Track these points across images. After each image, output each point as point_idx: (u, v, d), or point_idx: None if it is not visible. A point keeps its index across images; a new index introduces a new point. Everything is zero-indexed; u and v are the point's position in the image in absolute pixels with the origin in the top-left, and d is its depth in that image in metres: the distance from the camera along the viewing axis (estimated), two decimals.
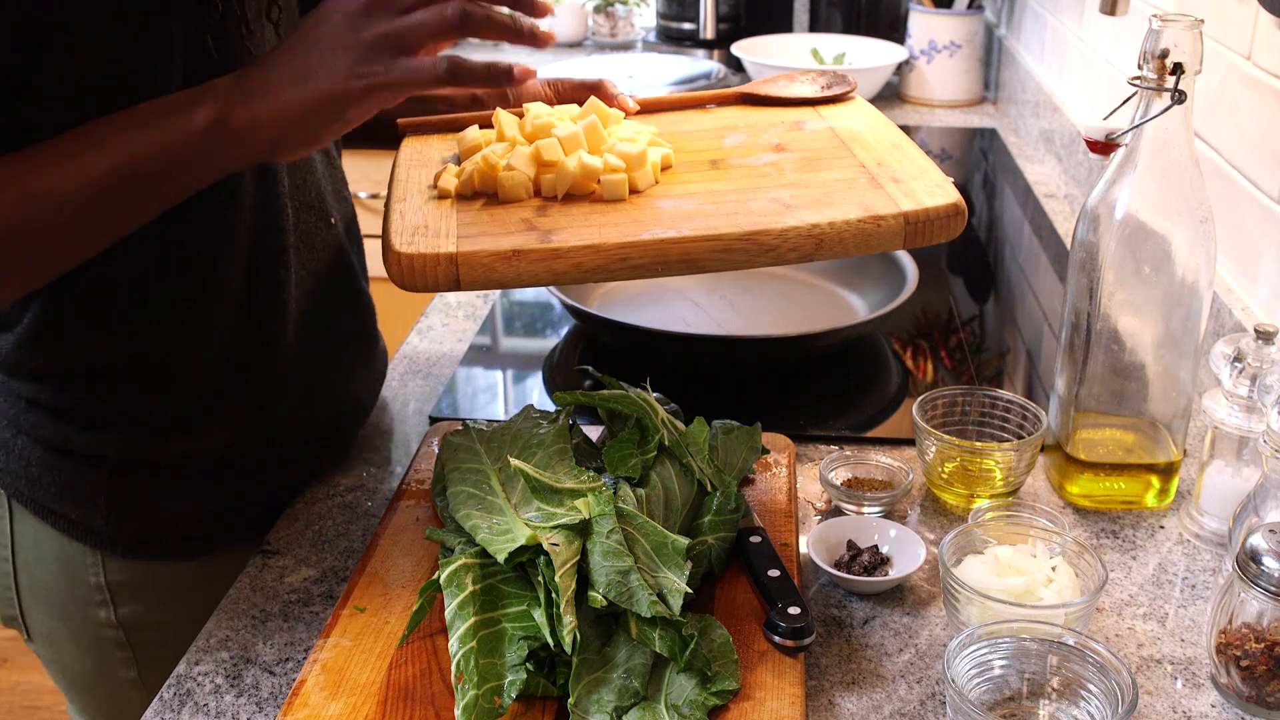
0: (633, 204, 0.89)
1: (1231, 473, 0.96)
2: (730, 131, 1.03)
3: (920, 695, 0.82)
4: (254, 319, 0.97)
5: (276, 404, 1.01)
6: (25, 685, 2.57)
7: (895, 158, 0.94)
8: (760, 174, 0.94)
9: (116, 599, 1.01)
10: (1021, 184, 1.88)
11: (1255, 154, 1.19)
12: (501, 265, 0.81)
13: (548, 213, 0.87)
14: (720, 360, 1.24)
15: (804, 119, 1.04)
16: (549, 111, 0.96)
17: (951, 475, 1.02)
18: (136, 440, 0.96)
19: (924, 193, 0.87)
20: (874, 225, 0.85)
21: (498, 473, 0.90)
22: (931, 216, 0.85)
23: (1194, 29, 0.89)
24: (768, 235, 0.84)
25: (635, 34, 2.91)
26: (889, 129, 1.00)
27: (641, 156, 0.91)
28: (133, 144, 0.78)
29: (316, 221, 1.02)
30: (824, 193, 0.89)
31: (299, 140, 0.80)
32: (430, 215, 0.87)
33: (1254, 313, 1.18)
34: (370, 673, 0.80)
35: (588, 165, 0.90)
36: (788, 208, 0.87)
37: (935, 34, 2.29)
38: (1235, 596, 0.80)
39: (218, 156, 0.79)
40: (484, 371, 1.30)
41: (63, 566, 1.01)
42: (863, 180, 0.91)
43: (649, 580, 0.80)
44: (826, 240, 0.84)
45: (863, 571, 0.91)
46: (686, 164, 0.96)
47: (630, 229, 0.84)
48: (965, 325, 1.39)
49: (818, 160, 0.96)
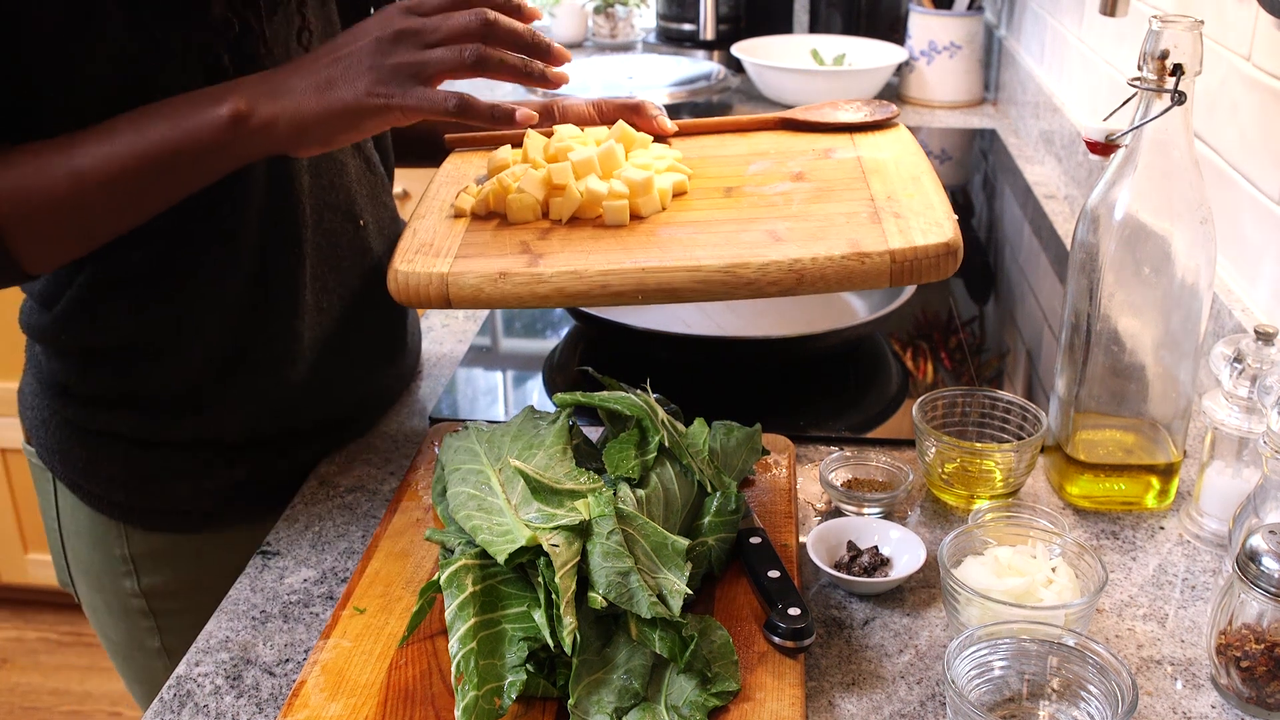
0: (633, 230, 0.91)
1: (1231, 474, 0.96)
2: (758, 158, 1.04)
3: (920, 696, 0.82)
4: (264, 306, 1.01)
5: (286, 389, 1.05)
6: (25, 686, 2.57)
7: (907, 191, 0.93)
8: (767, 204, 0.94)
9: (140, 569, 1.08)
10: (1021, 185, 1.88)
11: (1255, 155, 1.19)
12: (488, 287, 0.85)
13: (548, 237, 0.90)
14: (720, 361, 1.24)
15: (836, 147, 1.04)
16: (575, 134, 0.99)
17: (951, 476, 1.02)
18: (151, 419, 1.02)
19: (918, 230, 0.86)
20: (858, 262, 0.84)
21: (498, 474, 0.90)
22: (919, 256, 0.84)
23: (1194, 30, 0.89)
24: (746, 269, 0.84)
25: (635, 35, 2.91)
26: (915, 160, 1.00)
27: (647, 183, 0.93)
28: (163, 130, 0.85)
29: (342, 221, 1.07)
30: (819, 226, 0.89)
31: (313, 140, 0.87)
32: (439, 234, 0.92)
33: (1254, 313, 1.18)
34: (370, 674, 0.80)
35: (592, 191, 0.92)
36: (777, 241, 0.87)
37: (935, 35, 2.29)
38: (1235, 597, 0.80)
39: (238, 146, 0.86)
40: (484, 372, 1.30)
41: (95, 538, 1.08)
42: (864, 214, 0.90)
43: (649, 581, 0.80)
44: (808, 276, 0.84)
45: (863, 572, 0.91)
46: (702, 190, 0.97)
47: (616, 256, 0.86)
48: (965, 326, 1.39)
49: (830, 191, 0.95)
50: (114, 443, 1.04)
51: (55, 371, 1.04)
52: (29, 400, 1.09)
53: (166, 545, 1.07)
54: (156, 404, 1.02)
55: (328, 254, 1.05)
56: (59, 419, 1.05)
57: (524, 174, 0.94)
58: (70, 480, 1.07)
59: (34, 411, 1.08)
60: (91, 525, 1.08)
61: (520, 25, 0.90)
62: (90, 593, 1.13)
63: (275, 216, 0.99)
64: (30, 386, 1.09)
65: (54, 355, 1.03)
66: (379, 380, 1.17)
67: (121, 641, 1.14)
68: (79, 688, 2.56)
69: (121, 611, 1.11)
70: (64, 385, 1.04)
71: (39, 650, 2.67)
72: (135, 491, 1.05)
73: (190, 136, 0.85)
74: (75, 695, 2.55)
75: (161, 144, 0.85)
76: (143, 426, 1.03)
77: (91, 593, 1.12)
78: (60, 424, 1.05)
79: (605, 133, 1.01)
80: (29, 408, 1.09)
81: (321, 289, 1.05)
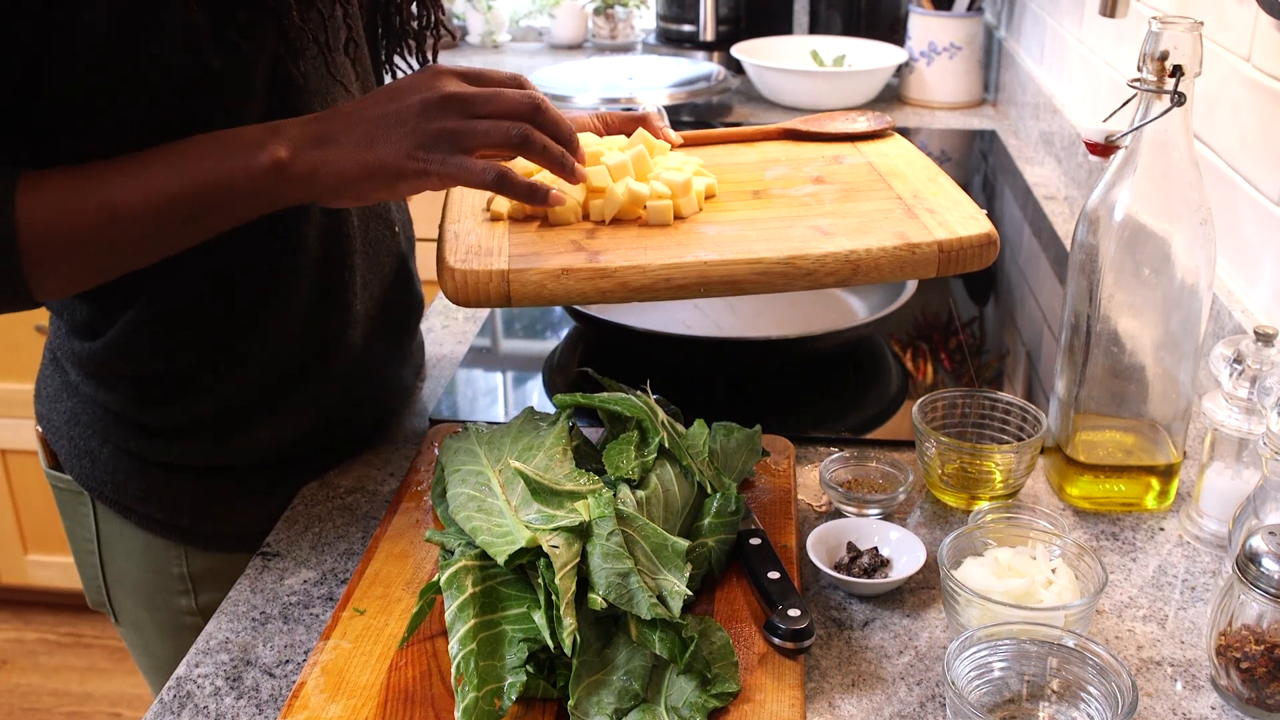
0: (677, 229, 0.94)
1: (1231, 474, 0.96)
2: (772, 164, 1.08)
3: (920, 697, 0.82)
4: (321, 321, 1.02)
5: (341, 399, 1.06)
6: (25, 687, 2.57)
7: (931, 190, 0.98)
8: (800, 204, 0.98)
9: (198, 588, 1.08)
10: (1021, 186, 1.88)
11: (1255, 156, 1.19)
12: (551, 283, 0.86)
13: (596, 236, 0.92)
14: (720, 362, 1.24)
15: (843, 154, 1.09)
16: (598, 141, 1.01)
17: (951, 477, 1.02)
18: (215, 446, 1.02)
19: (958, 223, 0.91)
20: (909, 253, 0.88)
21: (498, 475, 0.90)
22: (965, 246, 0.89)
23: (1193, 31, 0.89)
24: (805, 260, 0.88)
25: (635, 36, 2.91)
26: (925, 163, 1.04)
27: (686, 184, 0.96)
28: (203, 170, 0.83)
29: (383, 230, 1.08)
30: (861, 221, 0.93)
31: (349, 196, 0.86)
32: (484, 236, 0.93)
33: (1254, 314, 1.18)
34: (370, 675, 0.80)
35: (635, 191, 0.94)
36: (826, 235, 0.91)
37: (935, 36, 2.29)
38: (1235, 598, 0.80)
39: (276, 193, 0.85)
40: (484, 373, 1.30)
41: (148, 560, 1.07)
42: (899, 211, 0.94)
43: (649, 582, 0.80)
44: (863, 266, 0.88)
45: (863, 573, 0.91)
46: (730, 193, 1.01)
47: (675, 251, 0.89)
48: (965, 327, 1.39)
49: (856, 191, 0.99)
50: (176, 472, 1.03)
51: (105, 401, 1.02)
52: (62, 429, 1.06)
53: (227, 563, 1.04)
54: (218, 429, 1.01)
55: (374, 263, 1.06)
56: (111, 448, 1.03)
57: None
58: (123, 506, 1.05)
59: (72, 441, 1.05)
60: (145, 547, 1.06)
61: (563, 117, 0.90)
62: (136, 610, 1.11)
63: (329, 227, 0.99)
64: (64, 414, 1.06)
65: (101, 384, 1.01)
66: (406, 375, 1.20)
67: (168, 659, 1.10)
68: (79, 688, 2.56)
69: (173, 629, 1.10)
70: (117, 415, 1.02)
71: (39, 651, 2.67)
72: (199, 516, 1.04)
73: (228, 178, 0.83)
74: (75, 696, 2.55)
75: (198, 184, 0.83)
76: (207, 454, 1.02)
77: (138, 610, 1.11)
78: (113, 454, 1.03)
79: (623, 141, 1.03)
80: (63, 436, 1.06)
81: (369, 296, 1.06)
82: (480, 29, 2.93)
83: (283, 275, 0.97)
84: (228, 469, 1.04)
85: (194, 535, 1.05)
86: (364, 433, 1.12)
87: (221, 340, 0.98)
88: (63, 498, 1.11)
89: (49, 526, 2.60)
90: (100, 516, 1.08)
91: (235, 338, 0.98)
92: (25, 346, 2.45)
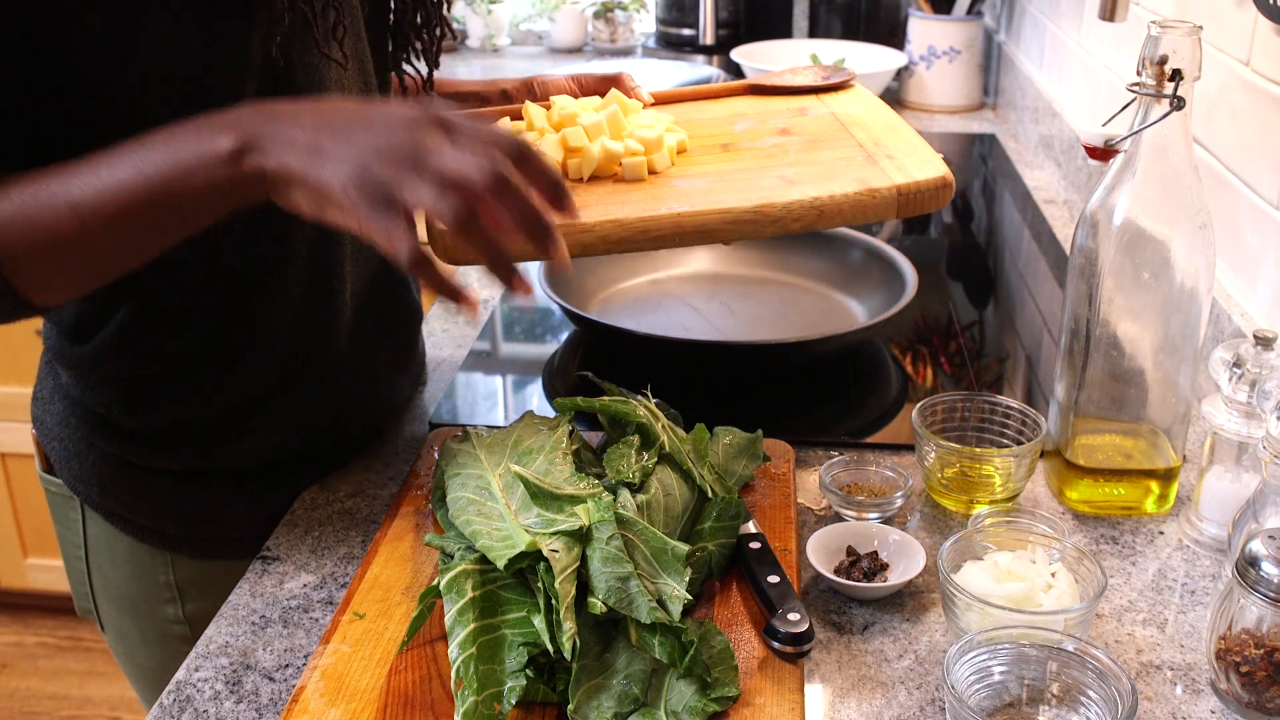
0: (651, 184, 0.99)
1: (1231, 478, 0.96)
2: (740, 119, 1.12)
3: (920, 701, 0.82)
4: (309, 328, 1.01)
5: (328, 406, 1.05)
6: (25, 691, 2.57)
7: (890, 138, 1.03)
8: (767, 155, 1.03)
9: (185, 596, 1.07)
10: (1021, 189, 1.88)
11: (1254, 160, 1.19)
12: None
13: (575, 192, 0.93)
14: (719, 366, 1.24)
15: (808, 106, 1.14)
16: (573, 103, 1.06)
17: (951, 481, 1.02)
18: (202, 452, 1.01)
19: (915, 168, 0.96)
20: (869, 197, 0.94)
21: (498, 478, 0.90)
22: (922, 189, 0.95)
23: (1193, 35, 0.89)
24: (773, 208, 0.93)
25: (635, 39, 2.91)
26: (886, 112, 1.10)
27: (658, 141, 1.01)
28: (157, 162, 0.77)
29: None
30: (825, 170, 0.98)
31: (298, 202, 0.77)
32: None
33: (1253, 318, 1.18)
34: (370, 679, 0.80)
35: (610, 149, 0.99)
36: (792, 184, 0.96)
37: (935, 40, 2.29)
38: (1235, 602, 0.80)
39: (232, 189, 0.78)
40: (484, 377, 1.30)
41: (133, 567, 1.07)
42: (860, 158, 0.99)
43: (649, 586, 0.80)
44: (827, 211, 0.93)
45: (862, 577, 0.91)
46: (700, 148, 1.06)
47: (650, 205, 0.94)
48: (965, 331, 1.39)
49: (820, 141, 1.04)
50: (163, 477, 1.02)
51: (93, 404, 1.00)
52: (54, 431, 1.05)
53: (215, 571, 1.04)
54: (206, 435, 1.00)
55: (364, 269, 1.05)
56: (98, 453, 1.02)
57: (542, 138, 1.00)
58: (109, 511, 1.04)
59: (63, 443, 1.05)
60: (131, 553, 1.06)
61: (531, 201, 0.75)
62: (121, 618, 1.10)
63: (319, 232, 0.97)
64: (56, 416, 1.05)
65: (90, 387, 1.00)
66: (402, 383, 1.19)
67: (154, 668, 1.11)
68: (78, 692, 2.56)
69: (158, 637, 1.09)
70: (105, 419, 1.01)
71: (38, 655, 2.66)
72: (186, 523, 1.03)
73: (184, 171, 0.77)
74: (74, 700, 2.55)
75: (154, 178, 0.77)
76: (194, 460, 1.01)
77: (123, 619, 1.10)
78: (100, 457, 1.02)
79: (598, 102, 1.07)
80: (55, 439, 1.05)
81: (359, 303, 1.05)
82: (480, 32, 2.93)
83: (271, 281, 0.96)
84: (216, 475, 1.03)
85: (181, 542, 1.04)
86: (354, 441, 1.11)
87: (208, 345, 0.97)
88: (55, 502, 1.10)
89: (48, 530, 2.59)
90: (89, 522, 1.07)
91: (222, 343, 0.97)
92: (25, 350, 2.45)
